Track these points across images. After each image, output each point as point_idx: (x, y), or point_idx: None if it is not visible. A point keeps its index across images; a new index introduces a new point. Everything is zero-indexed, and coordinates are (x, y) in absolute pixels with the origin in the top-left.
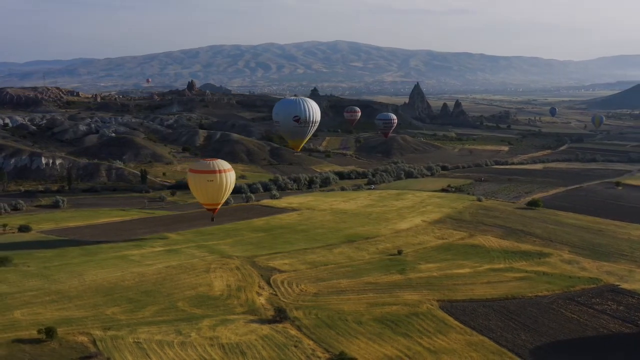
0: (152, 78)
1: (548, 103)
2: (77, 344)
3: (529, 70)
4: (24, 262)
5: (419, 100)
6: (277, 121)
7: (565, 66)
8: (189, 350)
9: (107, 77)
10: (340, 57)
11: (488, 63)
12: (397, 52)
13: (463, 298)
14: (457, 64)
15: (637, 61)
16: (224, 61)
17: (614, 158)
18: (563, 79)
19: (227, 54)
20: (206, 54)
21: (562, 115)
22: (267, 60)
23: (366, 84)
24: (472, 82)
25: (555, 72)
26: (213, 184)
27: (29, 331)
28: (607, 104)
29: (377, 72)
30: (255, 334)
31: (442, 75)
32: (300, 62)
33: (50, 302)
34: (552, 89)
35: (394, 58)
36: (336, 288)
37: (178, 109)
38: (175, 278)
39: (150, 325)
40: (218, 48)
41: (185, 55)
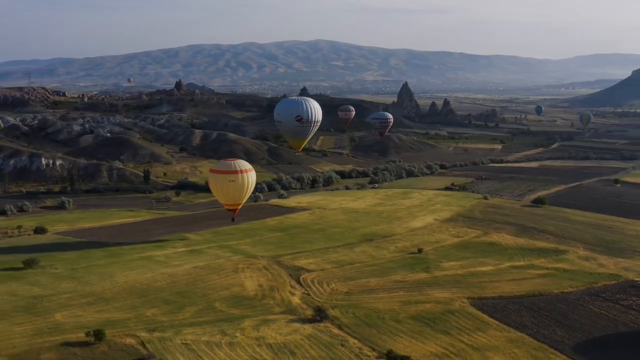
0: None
1: (530, 102)
2: (126, 346)
3: (509, 69)
4: (50, 264)
5: (408, 100)
6: (279, 121)
7: (544, 65)
8: (238, 351)
9: (86, 77)
10: (321, 57)
11: (468, 62)
12: (378, 51)
13: (492, 295)
14: (437, 63)
15: (614, 60)
16: (204, 61)
17: (607, 156)
18: (542, 77)
19: (207, 54)
20: (186, 54)
21: (547, 113)
22: (247, 60)
23: (347, 83)
24: (453, 81)
25: (535, 70)
26: (235, 184)
27: (75, 334)
28: (589, 102)
29: (358, 71)
30: (299, 334)
31: (423, 74)
32: (281, 62)
33: (88, 304)
34: (533, 88)
35: (374, 57)
36: (366, 287)
37: (168, 108)
38: (206, 279)
39: (194, 326)
40: (198, 47)
41: (165, 54)
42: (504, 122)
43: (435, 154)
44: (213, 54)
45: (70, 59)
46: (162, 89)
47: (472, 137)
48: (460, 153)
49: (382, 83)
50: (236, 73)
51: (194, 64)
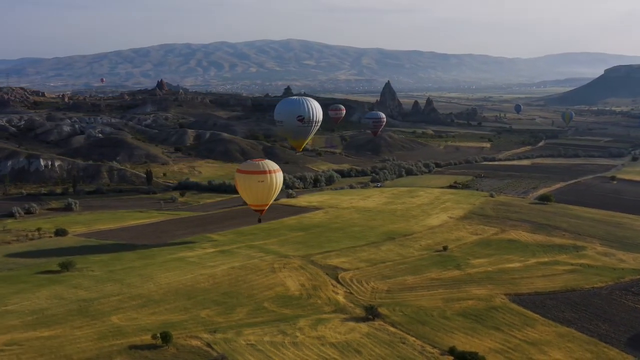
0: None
1: (505, 100)
2: (193, 348)
3: (480, 68)
4: (85, 266)
5: (390, 98)
6: (280, 121)
7: (514, 64)
8: (305, 350)
9: (56, 77)
10: (293, 56)
11: (439, 61)
12: (349, 50)
13: (527, 291)
14: (408, 62)
15: (582, 59)
16: (175, 60)
17: (595, 153)
18: (513, 76)
19: (178, 53)
20: (157, 53)
21: (524, 112)
22: (219, 59)
23: (320, 83)
24: (425, 80)
25: (505, 69)
26: (264, 185)
27: (139, 337)
28: (564, 100)
29: (330, 71)
30: (357, 333)
31: (395, 73)
32: (253, 61)
33: (140, 307)
34: (504, 86)
35: (346, 56)
36: (404, 285)
37: (152, 108)
38: (246, 279)
39: (252, 327)
40: (169, 47)
41: (135, 54)
42: (485, 121)
43: (427, 152)
44: (184, 54)
45: (39, 59)
46: (143, 89)
47: (459, 136)
48: (452, 151)
49: (355, 82)
50: (208, 72)
51: (165, 64)
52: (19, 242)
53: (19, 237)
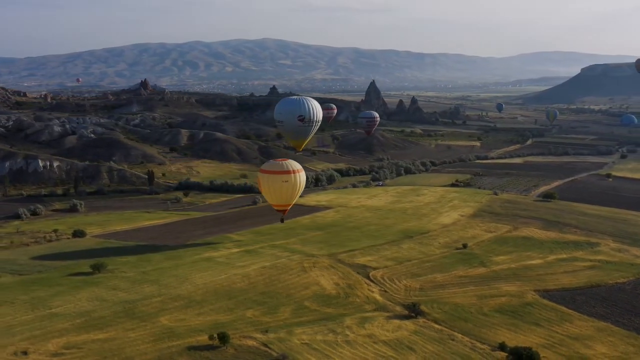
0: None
1: (482, 99)
2: (251, 348)
3: (454, 67)
4: (116, 267)
5: (375, 97)
6: (280, 121)
7: (488, 63)
8: (359, 349)
9: (29, 77)
10: (269, 55)
11: (414, 60)
12: (325, 49)
13: (554, 287)
14: (384, 61)
15: (555, 57)
16: (150, 59)
17: (584, 151)
18: (487, 75)
19: (153, 52)
20: (131, 53)
21: (504, 110)
22: (194, 59)
23: (297, 82)
24: (401, 79)
25: (479, 68)
26: (288, 185)
27: (194, 338)
28: (542, 99)
29: (307, 70)
30: (404, 330)
31: (371, 72)
32: (228, 60)
33: (184, 308)
34: (480, 85)
35: (321, 56)
36: (435, 282)
37: (138, 108)
38: (280, 278)
39: (301, 326)
40: (143, 46)
41: (109, 53)
42: (469, 120)
43: (420, 151)
44: (159, 53)
45: (11, 59)
46: (127, 89)
47: (447, 135)
48: (444, 150)
49: (332, 82)
50: (183, 72)
51: (140, 63)
52: (37, 243)
53: (36, 238)
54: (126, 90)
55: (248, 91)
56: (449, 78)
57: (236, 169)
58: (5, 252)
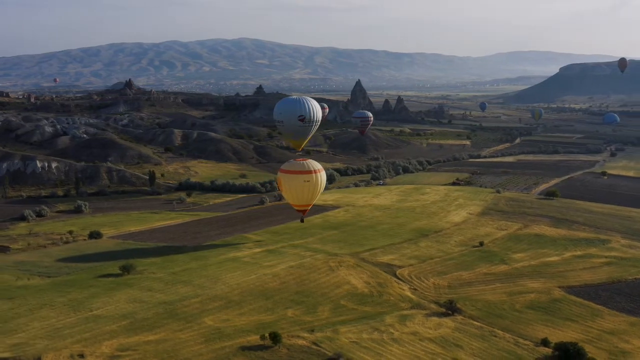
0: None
1: (464, 98)
2: (304, 347)
3: (432, 67)
4: (144, 269)
5: (361, 97)
6: (280, 120)
7: (464, 62)
8: (408, 347)
9: (4, 77)
10: (246, 55)
11: (392, 60)
12: (302, 49)
13: (578, 284)
14: (361, 61)
15: (530, 57)
16: (126, 59)
17: (574, 150)
18: (465, 74)
19: (129, 52)
20: (107, 52)
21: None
22: (171, 59)
23: (275, 82)
24: (379, 78)
25: (457, 67)
26: (309, 185)
27: (245, 338)
28: (521, 98)
29: (284, 70)
30: (446, 327)
31: (349, 71)
32: (206, 60)
33: (224, 308)
34: (458, 85)
35: (299, 55)
36: (461, 280)
37: (125, 108)
38: (311, 278)
39: (344, 324)
40: (119, 46)
41: (85, 53)
42: (454, 119)
43: (412, 150)
44: (135, 53)
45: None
46: (111, 89)
47: (436, 134)
48: (436, 149)
49: (310, 81)
50: (160, 72)
51: (116, 63)
52: (55, 245)
53: (52, 240)
54: (110, 90)
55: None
56: (426, 77)
57: (234, 168)
58: (25, 254)
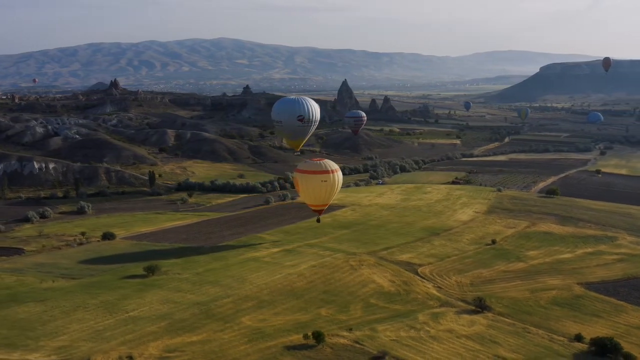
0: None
1: (445, 98)
2: (347, 346)
3: (411, 67)
4: (167, 269)
5: (348, 97)
6: (278, 121)
7: (443, 62)
8: (447, 344)
9: None
10: (225, 55)
11: (371, 59)
12: (281, 49)
13: (594, 280)
14: (341, 61)
15: (509, 56)
16: (104, 59)
17: (564, 148)
18: (444, 74)
19: (107, 52)
20: (85, 52)
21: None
22: (150, 58)
23: (255, 81)
24: (359, 78)
25: (436, 67)
26: (327, 185)
27: (286, 337)
28: (503, 97)
29: (264, 69)
30: (479, 325)
31: (328, 71)
32: (185, 60)
33: (258, 308)
34: (438, 84)
35: (278, 55)
36: (482, 277)
37: (112, 108)
38: (335, 277)
39: (379, 323)
40: (97, 46)
41: (62, 53)
42: (440, 118)
43: (405, 149)
44: (113, 53)
45: None
46: (95, 89)
47: (425, 133)
48: (428, 148)
49: (290, 81)
50: (139, 72)
51: (95, 63)
52: (70, 247)
53: (66, 242)
54: (96, 90)
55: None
56: (406, 77)
57: (230, 169)
58: (41, 256)
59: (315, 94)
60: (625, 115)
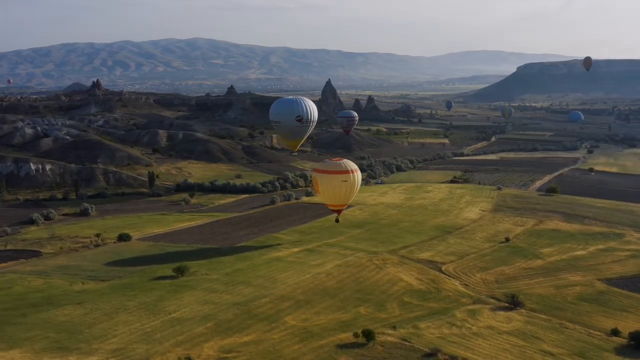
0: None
1: (422, 97)
2: (397, 344)
3: (385, 66)
4: (195, 270)
5: (331, 97)
6: (277, 121)
7: (418, 62)
8: (491, 340)
9: None
10: (200, 55)
11: (345, 59)
12: (257, 49)
13: (614, 276)
14: (316, 61)
15: (482, 56)
16: (78, 60)
17: (552, 147)
18: (419, 74)
19: (81, 52)
20: (59, 53)
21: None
22: (124, 59)
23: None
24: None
25: (410, 67)
26: (347, 185)
27: (335, 336)
28: (481, 97)
29: (240, 69)
30: (516, 321)
31: (304, 71)
32: (159, 60)
33: (298, 307)
34: (414, 84)
35: (254, 55)
36: (505, 275)
37: (96, 109)
38: (364, 276)
39: (420, 320)
40: (71, 46)
41: (36, 54)
42: (424, 118)
43: (395, 149)
44: (87, 53)
45: None
46: (78, 89)
47: (412, 133)
48: (418, 148)
49: (266, 81)
50: (113, 72)
51: (68, 63)
52: (88, 248)
53: (82, 243)
54: (77, 91)
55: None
56: (381, 77)
57: (226, 169)
58: (62, 258)
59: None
60: (605, 114)
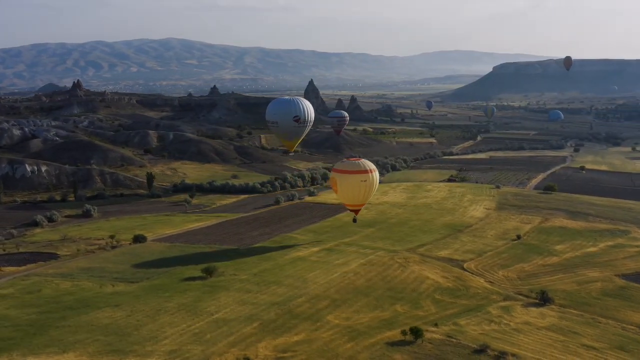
0: None
1: (399, 97)
2: (444, 341)
3: (360, 66)
4: (223, 271)
5: (314, 97)
6: (274, 121)
7: (392, 62)
8: (531, 335)
9: None
10: (174, 55)
11: (320, 59)
12: (230, 49)
13: (630, 272)
14: (291, 61)
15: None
16: (50, 60)
17: (538, 146)
18: (393, 73)
19: (52, 53)
20: (29, 53)
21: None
22: (97, 59)
23: (205, 82)
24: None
25: (385, 67)
26: (366, 184)
27: (382, 334)
28: (459, 97)
29: (214, 70)
30: (549, 317)
31: (279, 71)
32: (133, 61)
33: (336, 306)
34: (389, 84)
35: (228, 55)
36: (526, 272)
37: (79, 109)
38: (390, 275)
39: (459, 317)
40: (42, 47)
41: (6, 54)
42: (407, 118)
43: (385, 148)
44: (59, 53)
45: None
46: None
47: (398, 133)
48: (407, 147)
49: (241, 81)
50: (86, 73)
51: (40, 64)
52: (105, 250)
53: (98, 245)
54: (58, 91)
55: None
56: (356, 77)
57: (221, 169)
58: (82, 261)
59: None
60: (583, 113)
